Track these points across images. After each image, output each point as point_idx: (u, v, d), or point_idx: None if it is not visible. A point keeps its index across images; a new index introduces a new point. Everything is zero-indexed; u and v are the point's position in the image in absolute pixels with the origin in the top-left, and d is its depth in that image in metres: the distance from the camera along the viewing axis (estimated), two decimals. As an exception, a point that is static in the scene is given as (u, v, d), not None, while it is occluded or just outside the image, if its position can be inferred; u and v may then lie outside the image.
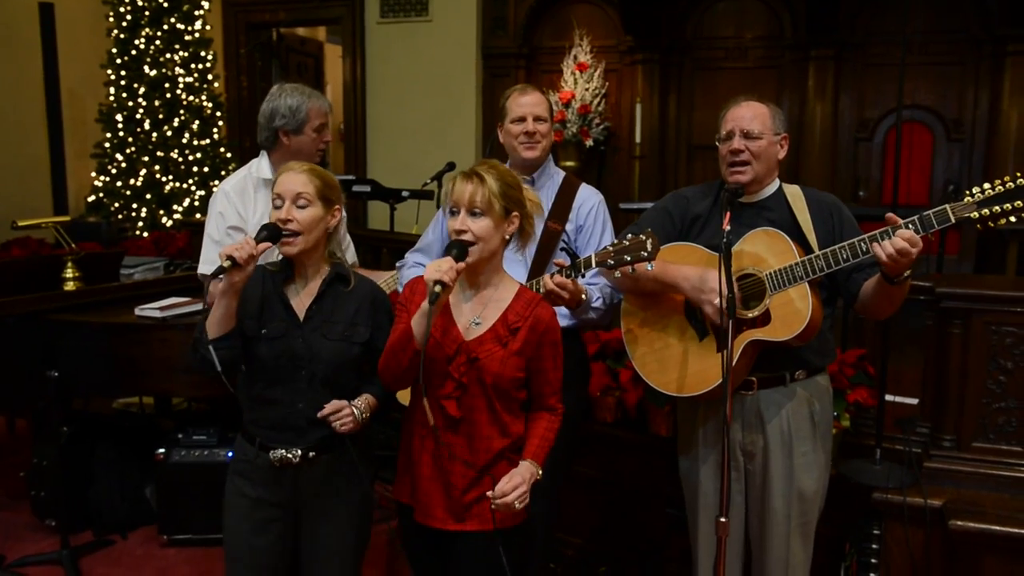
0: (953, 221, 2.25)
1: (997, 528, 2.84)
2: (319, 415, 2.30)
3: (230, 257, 2.18)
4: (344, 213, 2.48)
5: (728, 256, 2.27)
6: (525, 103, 2.90)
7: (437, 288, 2.01)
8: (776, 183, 2.65)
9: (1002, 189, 2.21)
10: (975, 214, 2.23)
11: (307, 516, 2.41)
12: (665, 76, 7.20)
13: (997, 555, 2.87)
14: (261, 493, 2.37)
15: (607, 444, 3.68)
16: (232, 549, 2.42)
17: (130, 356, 3.78)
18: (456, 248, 2.11)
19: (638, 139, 7.13)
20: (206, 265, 3.08)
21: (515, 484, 2.16)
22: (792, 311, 2.43)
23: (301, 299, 2.37)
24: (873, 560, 3.03)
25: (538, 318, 2.22)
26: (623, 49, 7.25)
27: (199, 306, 3.74)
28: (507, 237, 2.23)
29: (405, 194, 5.47)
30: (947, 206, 2.25)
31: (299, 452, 2.32)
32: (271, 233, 2.28)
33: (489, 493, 2.15)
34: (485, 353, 2.19)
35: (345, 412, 2.31)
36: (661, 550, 3.55)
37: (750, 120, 2.55)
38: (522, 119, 2.89)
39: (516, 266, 2.84)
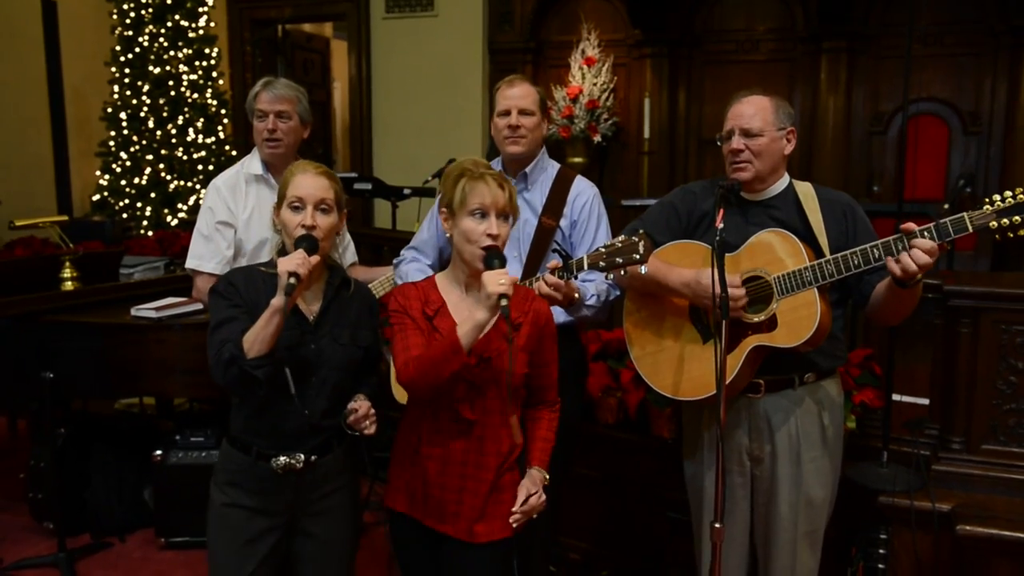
0: (971, 230, 2.18)
1: (1007, 533, 2.78)
2: (351, 420, 2.23)
3: (293, 274, 2.07)
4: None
5: (721, 256, 2.20)
6: (511, 96, 2.81)
7: (504, 302, 2.01)
8: (785, 180, 2.57)
9: None
10: (994, 223, 2.15)
11: (304, 520, 2.35)
12: (674, 70, 7.10)
13: (1007, 561, 2.81)
14: (259, 503, 2.29)
15: (609, 446, 3.62)
16: (222, 563, 2.32)
17: (125, 357, 3.73)
18: (497, 259, 2.10)
19: (647, 134, 7.02)
20: (194, 260, 3.10)
21: (536, 492, 2.23)
22: (800, 317, 2.35)
23: (308, 304, 2.30)
24: (880, 565, 2.96)
25: (538, 312, 2.26)
26: (631, 43, 7.15)
27: (197, 306, 3.68)
28: None
29: (407, 192, 5.40)
30: (965, 214, 2.18)
31: (302, 457, 2.26)
32: (310, 244, 2.17)
33: (514, 508, 2.20)
34: (495, 352, 2.18)
35: (372, 414, 2.25)
36: (663, 554, 3.49)
37: (750, 117, 2.48)
38: (507, 112, 2.81)
39: (511, 263, 2.79)
